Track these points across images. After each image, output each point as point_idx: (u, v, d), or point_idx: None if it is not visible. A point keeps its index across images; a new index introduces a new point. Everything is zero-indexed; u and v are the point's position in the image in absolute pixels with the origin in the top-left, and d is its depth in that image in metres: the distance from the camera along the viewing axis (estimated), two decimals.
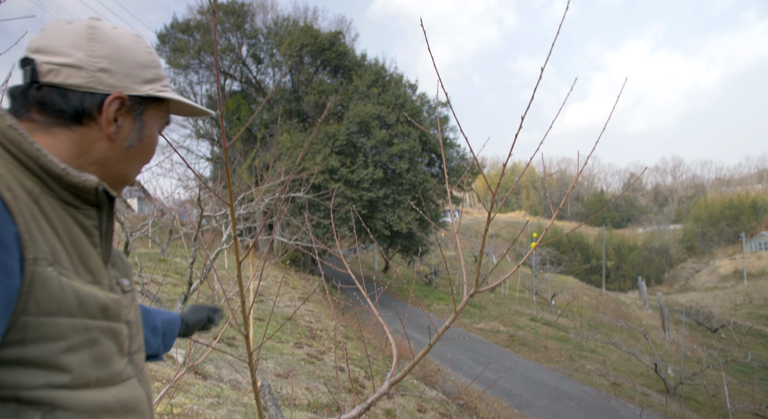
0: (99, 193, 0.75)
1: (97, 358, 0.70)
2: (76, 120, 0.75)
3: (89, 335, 0.69)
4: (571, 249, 57.29)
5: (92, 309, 0.69)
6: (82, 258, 0.72)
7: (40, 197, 0.68)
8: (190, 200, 14.07)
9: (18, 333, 0.62)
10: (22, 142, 0.68)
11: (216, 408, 4.75)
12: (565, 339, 18.11)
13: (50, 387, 0.64)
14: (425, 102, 27.15)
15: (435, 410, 7.62)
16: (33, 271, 0.62)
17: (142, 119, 0.83)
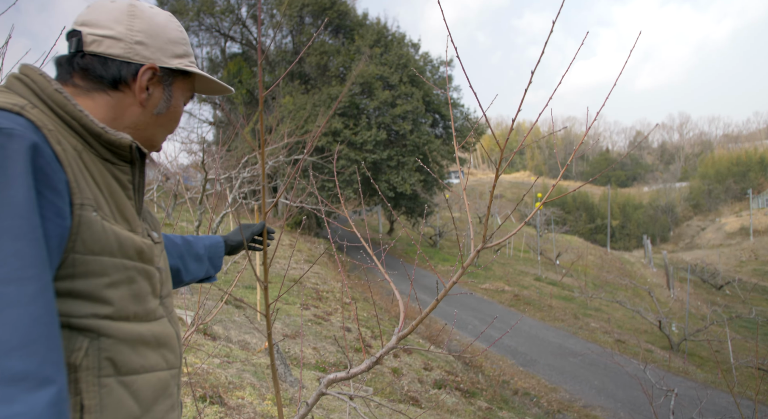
0: (133, 150, 0.85)
1: (134, 295, 0.81)
2: (113, 86, 0.86)
3: (128, 273, 0.79)
4: (576, 208, 57.20)
5: (129, 251, 0.80)
6: (120, 207, 0.82)
7: (83, 153, 0.78)
8: (194, 164, 14.01)
9: (68, 268, 0.71)
10: (66, 104, 0.78)
11: (226, 368, 4.83)
12: (570, 298, 18.28)
13: (96, 317, 0.74)
14: (428, 62, 26.60)
15: (441, 368, 7.75)
16: (80, 215, 0.72)
17: (171, 90, 0.94)
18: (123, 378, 0.78)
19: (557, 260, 26.29)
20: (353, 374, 1.76)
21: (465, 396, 6.85)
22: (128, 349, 0.79)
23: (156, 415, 0.84)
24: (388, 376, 6.65)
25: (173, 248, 1.28)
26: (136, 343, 0.80)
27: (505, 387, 8.43)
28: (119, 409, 0.76)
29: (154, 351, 0.85)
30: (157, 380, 0.85)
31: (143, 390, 0.81)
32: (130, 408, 0.78)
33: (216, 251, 1.38)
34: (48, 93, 0.77)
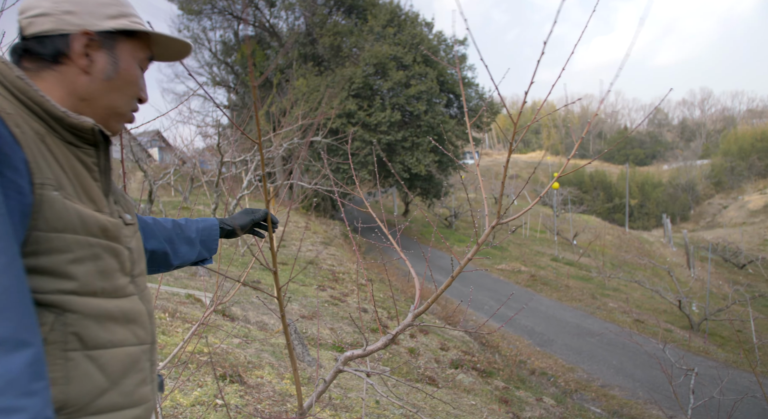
0: (95, 133, 0.88)
1: (100, 271, 0.83)
2: (55, 61, 0.87)
3: (92, 250, 0.81)
4: (594, 188, 56.50)
5: (93, 228, 0.82)
6: (85, 189, 0.85)
7: (46, 137, 0.81)
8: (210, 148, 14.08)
9: (32, 245, 0.74)
10: (28, 90, 0.81)
11: (245, 348, 4.89)
12: (587, 278, 18.16)
13: (60, 293, 0.77)
14: (442, 41, 26.21)
15: (457, 348, 7.78)
16: (41, 194, 0.75)
17: (115, 53, 0.92)
18: (89, 352, 0.80)
19: (574, 240, 26.08)
20: (370, 351, 1.76)
21: (482, 376, 6.87)
22: (95, 324, 0.81)
23: (125, 388, 0.87)
24: (405, 356, 6.70)
25: (162, 232, 1.30)
26: (103, 319, 0.83)
27: (522, 367, 8.44)
28: (85, 382, 0.79)
29: (122, 326, 0.87)
30: (125, 355, 0.87)
31: (111, 364, 0.84)
32: (97, 381, 0.81)
33: (209, 234, 1.41)
34: (10, 79, 0.80)
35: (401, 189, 28.33)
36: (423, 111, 23.12)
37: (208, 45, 29.47)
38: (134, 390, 0.89)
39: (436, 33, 26.55)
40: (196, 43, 29.16)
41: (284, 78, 25.91)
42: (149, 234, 1.27)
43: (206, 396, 3.45)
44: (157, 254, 1.29)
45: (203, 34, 29.14)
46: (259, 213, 1.50)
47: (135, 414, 0.89)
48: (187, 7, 26.93)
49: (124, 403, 0.86)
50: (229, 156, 7.96)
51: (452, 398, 5.52)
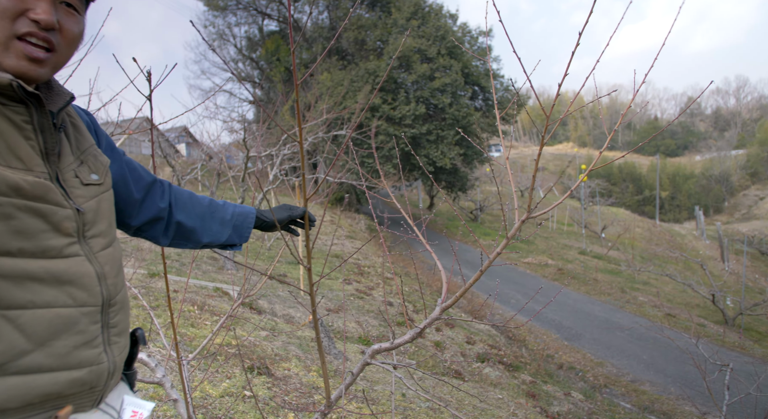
0: (15, 89, 0.83)
1: (15, 231, 0.80)
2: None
3: (1, 209, 0.79)
4: (623, 180, 55.33)
5: (1, 187, 0.79)
6: (11, 148, 0.83)
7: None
8: (236, 143, 14.24)
9: None
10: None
11: (272, 340, 4.95)
12: (616, 271, 17.84)
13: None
14: (466, 32, 25.94)
15: (484, 342, 7.73)
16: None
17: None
18: (4, 311, 0.79)
19: (603, 233, 25.62)
20: (397, 344, 1.75)
21: (508, 370, 6.82)
22: (9, 284, 0.80)
23: (57, 350, 0.85)
24: (431, 350, 6.69)
25: (196, 207, 1.33)
26: (20, 279, 0.81)
27: (550, 362, 8.35)
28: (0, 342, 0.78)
29: (51, 287, 0.85)
30: (54, 316, 0.84)
31: (33, 325, 0.82)
32: (15, 341, 0.80)
33: (243, 220, 1.42)
34: None
35: (426, 182, 28.24)
36: (448, 104, 22.95)
37: (233, 41, 29.78)
38: (70, 352, 0.87)
39: (460, 25, 26.31)
40: (222, 39, 29.50)
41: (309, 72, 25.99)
42: (181, 207, 1.30)
43: (235, 387, 3.50)
44: (185, 227, 1.31)
45: (228, 30, 29.46)
46: (298, 210, 1.49)
47: (74, 377, 0.87)
48: (212, 3, 27.22)
49: (56, 365, 0.85)
50: (255, 151, 8.03)
51: (479, 391, 5.49)
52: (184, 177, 8.72)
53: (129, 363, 1.11)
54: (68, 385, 0.86)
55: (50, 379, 0.83)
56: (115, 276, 0.98)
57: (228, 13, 28.37)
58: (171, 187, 1.33)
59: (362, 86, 22.55)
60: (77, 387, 0.88)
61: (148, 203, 1.25)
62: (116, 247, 1.03)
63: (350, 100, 20.91)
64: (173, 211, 1.30)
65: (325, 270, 9.96)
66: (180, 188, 1.37)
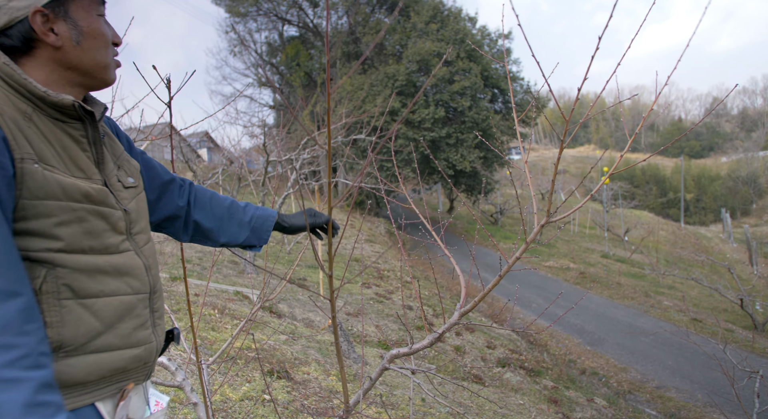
0: (77, 108, 0.96)
1: (87, 232, 0.94)
2: (27, 46, 0.94)
3: (76, 214, 0.92)
4: (646, 182, 54.32)
5: (75, 195, 0.92)
6: (73, 159, 0.96)
7: (33, 115, 0.91)
8: (256, 148, 14.36)
9: (21, 212, 0.85)
10: (13, 74, 0.90)
11: (291, 344, 4.96)
12: (640, 275, 17.51)
13: (49, 251, 0.89)
14: (486, 35, 25.80)
15: (504, 347, 7.65)
16: (21, 168, 0.85)
17: (70, 16, 0.96)
18: (82, 300, 0.93)
19: (626, 236, 25.19)
20: (416, 349, 1.74)
21: (530, 375, 6.74)
22: (84, 277, 0.93)
23: (122, 331, 1.00)
24: (451, 354, 6.64)
25: (215, 209, 1.42)
26: (93, 272, 0.94)
27: (572, 367, 8.23)
28: (80, 325, 0.92)
29: (115, 278, 0.99)
30: (119, 302, 0.99)
31: (104, 311, 0.96)
32: (91, 325, 0.94)
33: (263, 223, 1.48)
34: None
35: (446, 186, 28.13)
36: (467, 107, 22.85)
37: (253, 46, 30.11)
38: (131, 333, 1.02)
39: (479, 28, 26.19)
40: (242, 46, 29.83)
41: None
42: (200, 207, 1.39)
43: (254, 391, 3.51)
44: (202, 227, 1.40)
45: (249, 36, 29.80)
46: (322, 218, 1.53)
47: (134, 354, 1.02)
48: (234, 9, 27.57)
49: (121, 344, 0.99)
50: (275, 155, 8.09)
51: (499, 397, 5.43)
52: (206, 181, 8.82)
53: None
54: (131, 361, 1.02)
55: (118, 356, 0.99)
56: (156, 267, 1.14)
57: (249, 19, 28.70)
58: (192, 186, 1.41)
59: (382, 90, 22.58)
60: (136, 363, 1.04)
61: (165, 201, 1.33)
62: (152, 242, 1.17)
63: (370, 104, 20.96)
64: (191, 210, 1.38)
65: (346, 274, 9.97)
66: (203, 188, 1.45)
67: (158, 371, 3.33)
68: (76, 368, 0.92)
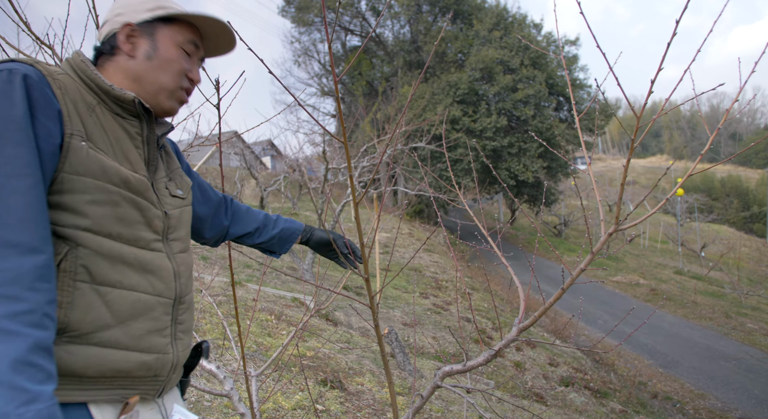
0: (135, 104, 1.03)
1: (118, 217, 0.95)
2: (111, 53, 1.07)
3: (110, 196, 0.93)
4: (726, 195, 50.88)
5: (114, 178, 0.94)
6: (124, 151, 1.01)
7: (96, 107, 0.99)
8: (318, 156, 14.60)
9: (58, 185, 0.88)
10: (86, 69, 1.00)
11: (346, 353, 4.90)
12: (719, 294, 16.32)
13: (76, 228, 0.89)
14: (552, 42, 25.15)
15: (568, 364, 7.28)
16: (69, 142, 0.89)
17: (154, 37, 1.08)
18: (97, 286, 0.91)
19: (702, 252, 23.63)
20: (470, 367, 1.63)
21: (595, 396, 6.35)
22: (105, 263, 0.92)
23: (133, 331, 0.96)
24: (511, 370, 6.38)
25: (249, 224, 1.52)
26: (115, 260, 0.93)
27: (642, 389, 7.70)
28: (89, 311, 0.89)
29: (137, 273, 0.97)
30: (136, 299, 0.96)
31: (118, 303, 0.93)
32: (101, 314, 0.91)
33: (288, 236, 1.58)
34: (76, 63, 1.01)
35: (507, 196, 27.53)
36: (531, 115, 22.31)
37: (317, 57, 30.84)
38: (144, 335, 0.98)
39: (545, 34, 25.58)
40: (306, 55, 30.61)
41: (389, 86, 26.32)
42: (237, 222, 1.50)
43: (307, 400, 3.46)
44: (234, 236, 1.52)
45: (312, 47, 30.54)
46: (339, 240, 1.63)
47: (142, 360, 0.97)
48: (299, 19, 28.36)
49: (130, 344, 0.95)
50: (335, 163, 8.14)
51: (562, 418, 5.13)
52: (267, 188, 9.00)
53: (187, 371, 1.21)
54: (137, 366, 0.96)
55: (123, 356, 0.94)
56: (187, 277, 1.13)
57: (313, 29, 29.43)
58: (232, 203, 1.53)
59: (443, 98, 22.44)
60: (144, 371, 0.98)
61: (215, 222, 1.44)
62: (189, 254, 1.18)
63: (430, 113, 20.86)
64: (230, 226, 1.50)
65: (402, 283, 9.87)
66: (239, 203, 1.57)
67: (207, 378, 3.34)
68: (75, 357, 0.88)
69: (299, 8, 28.52)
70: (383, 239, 13.27)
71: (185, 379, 1.21)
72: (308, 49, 30.49)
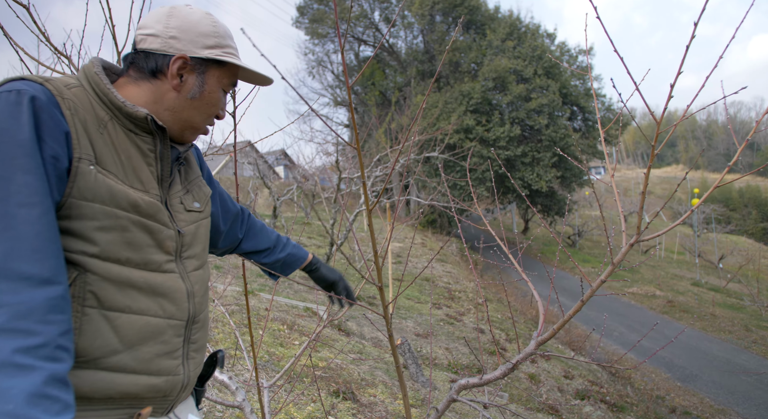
0: (149, 122, 1.00)
1: (127, 242, 0.92)
2: (153, 75, 1.03)
3: (118, 222, 0.91)
4: (744, 205, 50.09)
5: (122, 203, 0.92)
6: (135, 170, 0.98)
7: (108, 123, 0.96)
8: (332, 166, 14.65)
9: (66, 210, 0.86)
10: (99, 83, 0.97)
11: (359, 364, 4.86)
12: (738, 306, 16.00)
13: (84, 254, 0.88)
14: (565, 52, 25.09)
15: (583, 377, 7.16)
16: (77, 166, 0.87)
17: (204, 77, 1.06)
18: (106, 312, 0.90)
19: (720, 263, 23.24)
20: (486, 380, 1.59)
21: (612, 410, 6.23)
22: (113, 288, 0.91)
23: (142, 355, 0.95)
24: (525, 382, 6.28)
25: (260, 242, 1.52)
26: (123, 285, 0.92)
27: (660, 404, 7.55)
28: (97, 337, 0.89)
29: (147, 297, 0.95)
30: (145, 323, 0.95)
31: (126, 328, 0.92)
32: (109, 340, 0.90)
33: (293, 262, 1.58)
34: (90, 75, 0.98)
35: (520, 206, 27.37)
36: (544, 125, 22.22)
37: (330, 67, 31.05)
38: (153, 359, 0.96)
39: (558, 44, 25.54)
40: (320, 66, 30.84)
41: (402, 96, 26.40)
42: (250, 237, 1.50)
43: (319, 411, 3.43)
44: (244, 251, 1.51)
45: (326, 57, 30.76)
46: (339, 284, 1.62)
47: (151, 383, 0.96)
48: (313, 31, 28.60)
49: (138, 369, 0.94)
50: (348, 173, 8.15)
51: None
52: (280, 198, 9.03)
53: (202, 380, 1.21)
54: (146, 389, 0.96)
55: (132, 380, 0.93)
56: (202, 295, 1.10)
57: (327, 40, 29.68)
58: (249, 217, 1.52)
59: (456, 108, 22.44)
60: (153, 393, 0.97)
61: (230, 233, 1.43)
62: (206, 269, 1.15)
63: (444, 122, 20.86)
64: (242, 240, 1.49)
65: (414, 293, 9.80)
66: (255, 218, 1.56)
67: (219, 389, 3.33)
68: (83, 381, 0.87)
69: (313, 20, 28.80)
70: (396, 249, 13.23)
71: (200, 389, 1.21)
72: (322, 60, 30.75)
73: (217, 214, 1.34)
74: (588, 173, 1.63)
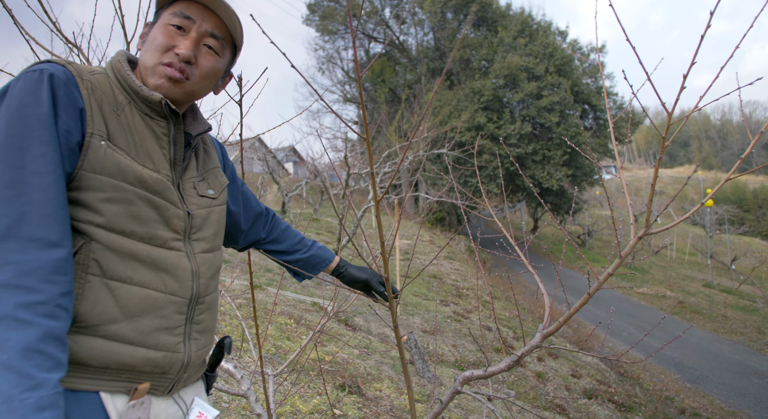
0: (163, 106, 1.05)
1: (132, 215, 0.96)
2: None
3: (124, 194, 0.95)
4: (758, 206, 49.47)
5: (129, 177, 0.96)
6: (147, 151, 1.02)
7: (126, 107, 1.02)
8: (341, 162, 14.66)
9: (77, 182, 0.91)
10: (120, 70, 1.04)
11: (365, 359, 4.87)
12: (751, 308, 15.82)
13: (90, 224, 0.92)
14: (577, 49, 24.91)
15: (591, 376, 7.12)
16: (89, 141, 0.92)
17: (154, 25, 1.10)
18: (107, 280, 0.93)
19: (732, 265, 23.00)
20: (491, 373, 1.57)
21: (620, 410, 6.19)
22: (116, 258, 0.94)
23: (141, 327, 0.96)
24: (532, 380, 6.25)
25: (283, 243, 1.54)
26: (126, 256, 0.95)
27: (669, 405, 7.48)
28: (97, 304, 0.91)
29: (149, 271, 0.98)
30: (145, 295, 0.97)
31: (126, 298, 0.94)
32: (109, 308, 0.92)
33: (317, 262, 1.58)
34: (114, 63, 1.05)
35: (530, 204, 27.25)
36: (555, 123, 22.08)
37: (340, 64, 31.06)
38: (151, 332, 0.98)
39: (570, 41, 25.37)
40: (330, 63, 30.88)
41: (412, 93, 26.34)
42: (273, 238, 1.53)
43: (325, 404, 3.44)
44: (267, 251, 1.55)
45: (336, 54, 30.77)
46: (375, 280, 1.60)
47: (148, 356, 0.97)
48: (324, 28, 28.61)
49: (137, 340, 0.96)
50: (357, 169, 8.14)
51: None
52: (289, 194, 9.05)
53: (212, 366, 1.24)
54: (143, 362, 0.97)
55: (129, 351, 0.95)
56: (209, 277, 1.12)
57: (337, 37, 29.68)
58: (274, 218, 1.55)
59: (467, 105, 22.36)
60: (150, 367, 0.98)
61: (252, 232, 1.46)
62: (217, 255, 1.17)
63: (455, 119, 20.79)
64: (266, 240, 1.52)
65: (422, 290, 9.79)
66: (280, 220, 1.59)
67: (226, 378, 3.34)
68: (80, 346, 0.90)
69: (323, 17, 28.81)
70: (404, 246, 13.22)
71: (212, 374, 1.23)
72: (332, 57, 30.77)
73: (238, 213, 1.37)
74: (598, 169, 1.60)
